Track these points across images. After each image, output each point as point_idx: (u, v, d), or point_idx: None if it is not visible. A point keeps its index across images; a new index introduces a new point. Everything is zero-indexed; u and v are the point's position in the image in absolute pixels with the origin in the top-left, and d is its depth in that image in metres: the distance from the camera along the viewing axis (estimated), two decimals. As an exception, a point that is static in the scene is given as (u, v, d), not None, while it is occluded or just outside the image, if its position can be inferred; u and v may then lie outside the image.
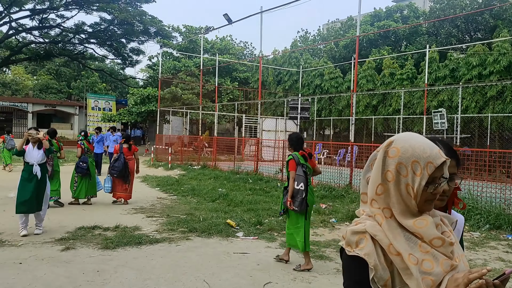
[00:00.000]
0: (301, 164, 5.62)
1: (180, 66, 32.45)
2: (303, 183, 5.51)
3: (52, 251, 5.98)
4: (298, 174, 5.58)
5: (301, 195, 5.50)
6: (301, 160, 5.63)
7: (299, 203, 5.49)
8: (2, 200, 9.74)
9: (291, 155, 5.74)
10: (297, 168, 5.59)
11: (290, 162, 5.66)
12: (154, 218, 8.44)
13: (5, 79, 43.78)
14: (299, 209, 5.50)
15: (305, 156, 5.72)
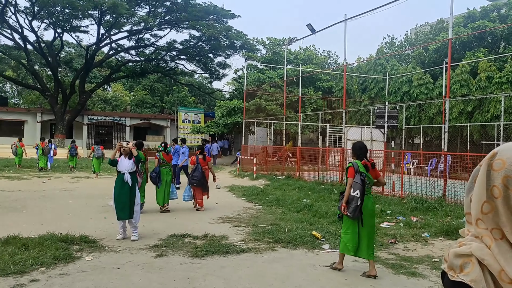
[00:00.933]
0: (360, 172, 5.71)
1: (264, 78, 33.00)
2: (359, 190, 5.60)
3: (147, 257, 6.34)
4: (355, 181, 5.68)
5: (355, 202, 5.61)
6: (360, 169, 5.74)
7: (353, 210, 5.61)
8: (104, 208, 10.55)
9: (351, 162, 5.90)
10: (355, 176, 5.70)
11: (349, 169, 5.83)
12: (241, 227, 8.60)
13: (106, 95, 47.75)
14: (352, 215, 5.64)
15: (367, 166, 5.80)
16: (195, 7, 33.62)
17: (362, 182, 5.65)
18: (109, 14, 32.41)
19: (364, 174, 5.72)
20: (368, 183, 5.78)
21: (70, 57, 41.68)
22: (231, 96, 41.82)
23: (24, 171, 20.59)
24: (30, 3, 31.43)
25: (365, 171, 5.74)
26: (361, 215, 5.66)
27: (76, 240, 6.98)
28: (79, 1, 30.07)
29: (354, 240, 5.72)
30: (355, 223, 5.72)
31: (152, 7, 34.73)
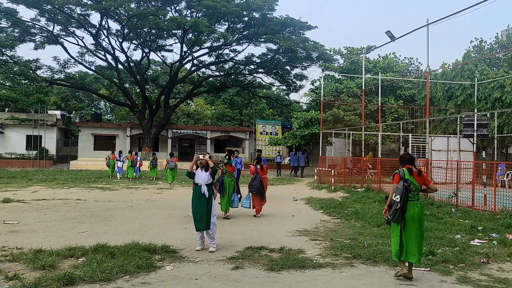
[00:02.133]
0: (406, 179, 6.10)
1: (342, 88, 32.46)
2: (400, 195, 6.01)
3: (224, 269, 6.41)
4: (398, 187, 6.10)
5: (395, 206, 6.03)
6: (406, 176, 6.13)
7: (393, 213, 6.05)
8: (185, 219, 10.92)
9: (398, 170, 6.34)
10: (399, 182, 6.13)
11: (395, 176, 6.30)
12: (318, 241, 8.42)
13: (189, 110, 49.92)
14: (391, 218, 6.09)
15: (411, 170, 6.20)
16: (272, 21, 34.12)
17: (405, 188, 6.03)
18: (191, 32, 33.97)
19: (409, 181, 6.09)
20: (414, 189, 6.12)
21: (156, 74, 44.32)
22: (308, 107, 41.66)
23: (115, 182, 22.07)
24: (120, 26, 33.94)
25: (411, 177, 6.12)
26: (403, 219, 6.01)
27: (158, 249, 7.26)
28: (164, 22, 31.91)
29: (397, 244, 6.06)
30: (398, 228, 6.08)
31: (231, 24, 35.82)
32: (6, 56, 33.41)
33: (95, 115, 44.56)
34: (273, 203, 14.71)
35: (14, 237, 8.34)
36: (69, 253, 6.87)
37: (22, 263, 6.38)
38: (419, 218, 6.08)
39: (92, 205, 13.45)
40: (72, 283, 5.48)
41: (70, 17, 32.72)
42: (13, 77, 32.75)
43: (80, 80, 38.93)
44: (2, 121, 37.96)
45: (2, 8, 31.87)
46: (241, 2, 33.89)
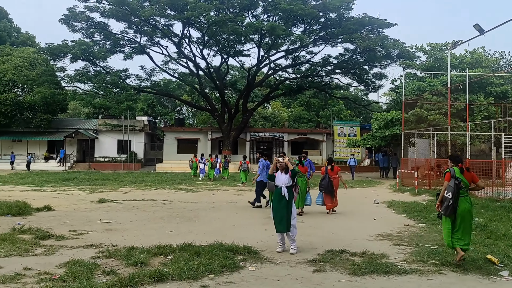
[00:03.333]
0: (456, 177, 6.71)
1: (425, 86, 30.90)
2: (451, 192, 6.64)
3: (305, 271, 6.43)
4: (449, 185, 6.73)
5: (447, 202, 6.67)
6: (457, 174, 6.73)
7: (445, 208, 6.70)
8: (265, 220, 11.09)
9: (449, 168, 6.96)
10: (450, 180, 6.74)
11: (446, 174, 6.92)
12: (402, 246, 8.12)
13: (266, 113, 50.52)
14: (444, 212, 6.74)
15: (462, 169, 6.79)
16: (349, 20, 33.52)
17: (456, 185, 6.66)
18: (268, 36, 34.43)
19: (460, 179, 6.70)
20: (464, 186, 6.75)
21: (234, 79, 45.49)
22: (388, 108, 40.25)
23: (198, 183, 23.01)
24: (201, 34, 35.34)
25: (461, 175, 6.72)
26: (454, 214, 6.65)
27: (240, 250, 7.46)
28: (241, 28, 32.70)
29: (448, 235, 6.75)
30: (449, 221, 6.74)
31: (307, 25, 35.75)
32: (100, 67, 36.27)
33: (178, 120, 46.74)
34: (353, 206, 14.44)
35: (109, 235, 9.03)
36: (159, 251, 7.29)
37: (117, 259, 6.88)
38: (469, 212, 6.79)
39: (177, 205, 14.14)
40: (162, 280, 5.81)
41: (155, 28, 34.71)
42: (105, 86, 35.46)
43: (164, 87, 41.10)
44: (97, 127, 41.23)
45: (96, 22, 34.68)
46: (317, 3, 33.72)
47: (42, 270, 6.16)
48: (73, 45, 33.70)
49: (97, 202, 14.71)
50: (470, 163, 17.85)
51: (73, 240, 8.37)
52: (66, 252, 7.37)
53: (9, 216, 11.09)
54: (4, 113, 36.93)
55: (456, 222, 6.70)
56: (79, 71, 35.34)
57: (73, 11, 33.62)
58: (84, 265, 6.34)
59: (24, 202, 12.69)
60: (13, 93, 37.36)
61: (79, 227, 9.87)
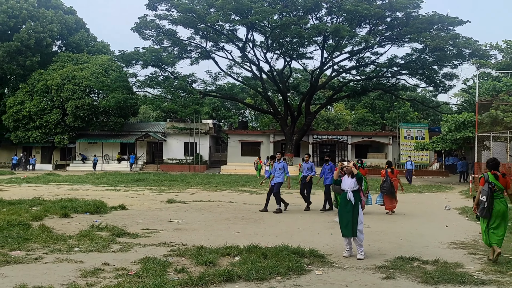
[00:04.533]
0: (490, 182, 7.25)
1: (501, 86, 29.02)
2: (486, 196, 7.21)
3: (374, 278, 6.30)
4: (483, 189, 7.30)
5: (483, 204, 7.25)
6: (490, 179, 7.28)
7: (481, 210, 7.30)
8: (330, 224, 10.99)
9: (483, 174, 7.51)
10: (484, 184, 7.29)
11: (481, 179, 7.50)
12: (478, 255, 7.71)
13: (329, 115, 49.93)
14: (480, 214, 7.35)
15: (496, 175, 7.31)
16: (417, 19, 32.31)
17: (490, 189, 7.22)
18: (331, 38, 34.04)
19: (493, 183, 7.25)
20: (498, 190, 7.28)
21: (297, 82, 45.46)
22: (459, 109, 38.28)
23: (262, 186, 23.22)
24: (264, 37, 35.69)
25: (494, 180, 7.26)
26: (490, 215, 7.22)
27: (306, 253, 7.46)
28: (305, 30, 32.60)
29: (485, 234, 7.36)
30: (485, 221, 7.33)
31: (373, 26, 34.93)
32: (168, 72, 37.79)
33: (242, 123, 47.49)
34: (422, 212, 13.93)
35: (179, 234, 9.39)
36: (226, 251, 7.47)
37: (187, 258, 7.15)
38: (504, 213, 7.28)
39: (242, 207, 14.39)
40: (231, 280, 5.95)
41: (220, 33, 35.55)
42: (173, 90, 36.89)
43: (228, 91, 41.96)
44: (165, 130, 42.97)
45: (164, 29, 36.17)
46: (383, 2, 32.85)
47: (119, 266, 6.55)
48: (144, 52, 35.39)
49: (167, 202, 15.33)
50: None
51: (146, 238, 8.80)
52: (140, 249, 7.78)
53: (87, 214, 11.88)
54: (81, 117, 39.64)
55: (491, 222, 7.31)
56: (149, 77, 37.02)
57: (144, 19, 35.30)
58: (157, 262, 6.65)
59: (101, 201, 13.54)
60: (89, 98, 39.94)
61: (151, 225, 10.35)
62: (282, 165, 13.34)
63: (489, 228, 7.31)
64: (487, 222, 7.32)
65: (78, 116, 39.42)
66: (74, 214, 11.76)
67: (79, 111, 39.07)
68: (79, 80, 38.83)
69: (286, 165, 13.64)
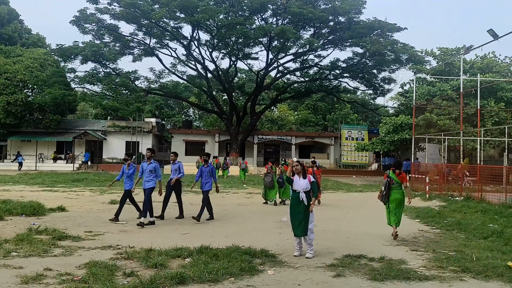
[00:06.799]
0: (389, 177, 9.56)
1: (435, 91, 30.81)
2: (384, 186, 9.58)
3: (325, 276, 6.40)
4: (384, 181, 9.65)
5: (382, 193, 9.68)
6: (390, 174, 9.58)
7: (381, 197, 9.70)
8: (278, 224, 11.09)
9: (386, 171, 9.98)
10: (386, 179, 9.60)
11: (384, 174, 9.87)
12: (419, 252, 8.08)
13: (273, 116, 50.52)
14: (381, 200, 9.74)
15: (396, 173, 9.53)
16: (358, 24, 33.50)
17: (388, 182, 9.52)
18: (277, 39, 34.46)
19: (392, 178, 9.52)
20: (395, 183, 9.49)
21: (242, 82, 45.57)
22: (396, 112, 40.18)
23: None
24: (210, 36, 35.44)
25: (394, 176, 9.51)
26: (387, 201, 9.50)
27: (257, 253, 7.45)
28: (251, 31, 32.73)
29: (388, 216, 9.62)
30: (386, 206, 9.62)
31: (317, 29, 35.77)
32: (109, 69, 36.45)
33: (186, 122, 46.85)
34: (365, 211, 14.40)
35: (125, 236, 9.05)
36: (176, 253, 7.30)
37: (135, 261, 6.89)
38: (400, 200, 9.49)
39: (188, 208, 14.09)
40: (183, 282, 5.80)
41: (164, 30, 34.84)
42: (115, 87, 35.64)
43: (172, 89, 41.24)
44: (105, 129, 41.41)
45: (106, 24, 34.87)
46: (327, 7, 33.73)
47: (63, 271, 6.18)
48: (84, 47, 33.91)
49: (109, 203, 14.76)
50: (481, 169, 17.78)
51: (90, 241, 8.40)
52: (85, 253, 7.40)
53: (23, 216, 11.15)
54: (14, 114, 37.21)
55: (390, 207, 9.48)
56: (89, 73, 35.53)
57: (84, 13, 33.83)
58: (104, 266, 6.35)
59: (38, 202, 12.73)
60: (23, 93, 37.61)
61: (94, 228, 9.90)
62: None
63: (390, 212, 9.48)
64: (388, 208, 9.52)
65: (10, 113, 36.97)
66: (8, 216, 10.98)
67: (11, 107, 36.66)
68: (11, 74, 36.48)
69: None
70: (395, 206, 9.46)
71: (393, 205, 9.45)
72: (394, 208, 9.44)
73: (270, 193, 15.57)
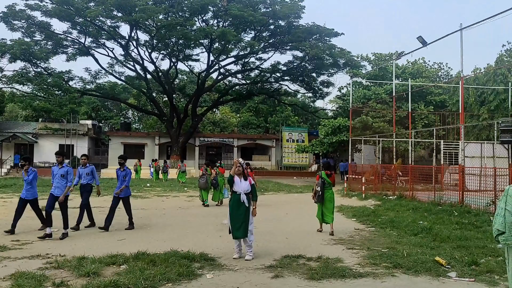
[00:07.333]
0: (322, 177, 10.27)
1: (370, 95, 32.15)
2: (320, 187, 10.16)
3: (263, 277, 6.41)
4: (318, 182, 10.27)
5: (318, 193, 10.20)
6: (323, 175, 10.32)
7: (317, 197, 10.22)
8: (218, 226, 11.00)
9: (318, 172, 11.22)
10: (319, 179, 10.28)
11: (317, 176, 10.64)
12: (355, 250, 8.33)
13: (215, 118, 50.31)
14: (317, 200, 10.27)
15: (327, 174, 10.36)
16: (298, 28, 34.19)
17: (322, 183, 10.21)
18: (218, 41, 34.36)
19: (324, 179, 10.26)
20: (327, 183, 10.26)
21: (183, 83, 44.96)
22: (335, 114, 41.44)
23: (146, 190, 22.42)
24: (149, 36, 34.64)
25: (326, 177, 10.28)
26: (322, 201, 10.15)
27: (196, 257, 7.32)
28: (191, 32, 32.39)
29: (319, 214, 10.34)
30: (320, 205, 10.27)
31: (257, 32, 36.08)
32: (41, 68, 34.54)
33: (125, 124, 45.46)
34: (305, 211, 14.65)
35: (56, 244, 8.57)
36: (111, 260, 7.00)
37: (66, 270, 6.53)
38: (331, 199, 10.29)
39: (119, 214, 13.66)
40: (117, 291, 5.58)
41: (101, 29, 33.60)
42: (47, 88, 33.84)
43: (110, 90, 39.85)
44: (37, 131, 39.16)
45: (37, 21, 33.03)
46: (267, 10, 34.13)
47: (-16, 284, 5.73)
48: (12, 45, 31.87)
49: (41, 209, 13.90)
50: (412, 169, 18.76)
51: (17, 251, 7.86)
52: (11, 263, 6.90)
53: None
54: None
55: (324, 205, 10.20)
56: (18, 72, 33.48)
57: (13, 9, 31.83)
58: (31, 277, 5.96)
59: (-42, 211, 11.77)
60: None
61: (22, 236, 9.31)
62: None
63: (323, 210, 10.22)
64: (321, 206, 10.24)
65: None
66: None
67: None
68: None
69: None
70: (329, 205, 10.23)
71: (327, 204, 10.20)
72: (328, 205, 10.21)
73: (204, 195, 15.89)
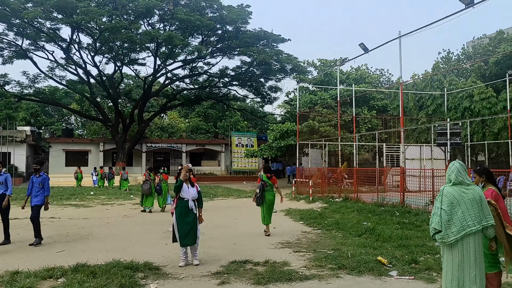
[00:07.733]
0: (263, 180, 10.59)
1: (317, 100, 32.85)
2: (259, 189, 10.50)
3: (210, 284, 6.31)
4: (258, 185, 10.65)
5: (257, 195, 10.52)
6: (263, 178, 10.63)
7: (257, 199, 10.58)
8: (164, 234, 10.73)
9: (259, 175, 11.46)
10: (260, 182, 10.64)
11: (258, 179, 11.04)
12: (301, 253, 8.40)
13: (163, 123, 49.41)
14: (256, 202, 10.61)
15: (268, 176, 10.67)
16: (246, 34, 34.37)
17: (262, 185, 10.51)
18: (165, 46, 33.82)
19: (265, 181, 10.58)
20: (268, 185, 10.58)
21: (129, 88, 43.81)
22: (283, 119, 41.97)
23: (89, 198, 21.56)
24: (92, 40, 33.49)
25: (266, 179, 10.60)
26: (262, 202, 10.47)
27: (140, 267, 7.10)
28: (136, 36, 31.66)
29: (262, 216, 10.64)
30: (261, 207, 10.58)
31: (205, 37, 35.89)
32: (-27, 72, 32.42)
33: (67, 130, 43.60)
34: (253, 216, 14.62)
35: (-13, 259, 7.99)
36: (48, 274, 6.63)
37: (-2, 287, 6.11)
38: (272, 201, 10.60)
39: (67, 223, 13.06)
40: (53, 306, 5.27)
41: (39, 31, 32.10)
42: (-20, 92, 31.80)
43: (50, 95, 38.12)
44: (-32, 138, 36.62)
45: (-31, 22, 31.01)
46: (214, 15, 34.05)
47: None
48: None
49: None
50: (357, 171, 19.31)
51: None
52: None
53: None
54: None
55: (264, 207, 10.47)
56: None
57: None
58: (-45, 297, 5.51)
59: None
60: None
61: None
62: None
63: (264, 212, 10.45)
64: (262, 209, 10.48)
65: None
66: None
67: None
68: None
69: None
70: (268, 207, 10.53)
71: (267, 206, 10.49)
72: (268, 209, 10.49)
73: (147, 201, 15.81)
